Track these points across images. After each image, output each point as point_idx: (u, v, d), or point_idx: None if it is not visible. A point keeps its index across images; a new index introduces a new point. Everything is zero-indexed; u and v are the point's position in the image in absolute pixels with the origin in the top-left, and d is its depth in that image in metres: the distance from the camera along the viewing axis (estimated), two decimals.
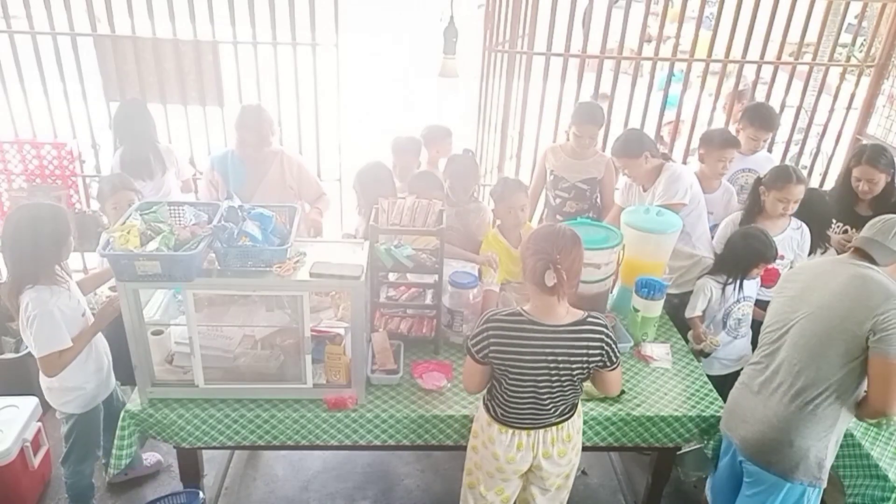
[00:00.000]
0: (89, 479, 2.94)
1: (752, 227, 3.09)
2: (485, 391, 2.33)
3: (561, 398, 2.20)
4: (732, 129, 4.50)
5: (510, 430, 2.24)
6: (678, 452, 2.77)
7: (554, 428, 2.24)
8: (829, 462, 2.28)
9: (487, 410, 2.29)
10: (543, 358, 2.11)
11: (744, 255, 2.93)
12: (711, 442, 2.64)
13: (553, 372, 2.13)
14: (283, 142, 4.23)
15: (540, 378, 2.14)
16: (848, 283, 2.20)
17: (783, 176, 3.08)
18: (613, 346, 2.16)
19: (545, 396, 2.17)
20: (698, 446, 2.71)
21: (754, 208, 3.21)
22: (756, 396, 2.35)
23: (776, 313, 2.37)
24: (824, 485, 2.31)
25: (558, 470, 2.30)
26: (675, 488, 3.18)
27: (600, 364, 2.16)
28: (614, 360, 2.18)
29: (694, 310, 3.04)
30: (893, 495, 2.34)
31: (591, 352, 2.12)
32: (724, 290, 3.01)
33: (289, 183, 3.58)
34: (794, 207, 3.10)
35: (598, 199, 3.84)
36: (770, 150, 3.97)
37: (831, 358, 2.16)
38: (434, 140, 3.95)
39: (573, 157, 3.75)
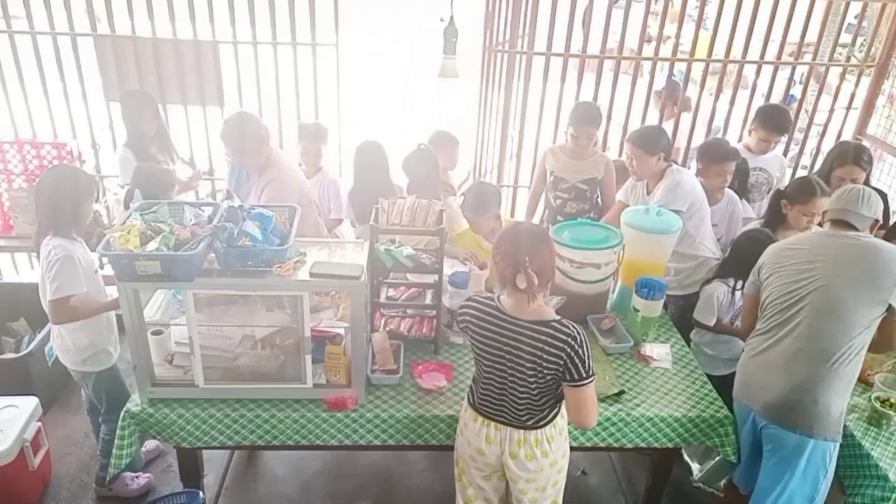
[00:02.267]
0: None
1: (756, 229, 3.08)
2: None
3: (515, 396, 2.17)
4: (669, 126, 4.45)
5: (480, 418, 2.27)
6: (696, 479, 2.76)
7: (522, 430, 2.23)
8: (843, 415, 2.43)
9: (467, 396, 2.36)
10: (499, 347, 2.15)
11: (749, 258, 2.89)
12: (728, 447, 2.62)
13: (507, 363, 2.14)
14: (282, 146, 4.24)
15: (496, 366, 2.18)
16: (863, 252, 2.35)
17: (808, 190, 3.05)
18: (579, 357, 2.04)
19: (500, 387, 2.20)
20: (717, 459, 2.69)
21: (775, 220, 3.17)
22: (773, 363, 2.44)
23: (780, 286, 2.46)
24: (840, 439, 2.43)
25: (527, 475, 2.25)
26: (675, 488, 3.18)
27: (557, 373, 2.07)
28: (578, 375, 2.05)
29: (714, 316, 3.04)
30: (893, 495, 2.34)
31: (545, 356, 2.06)
32: (733, 293, 3.01)
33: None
34: (818, 220, 3.06)
35: (599, 199, 3.84)
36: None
37: (857, 319, 2.31)
38: (437, 144, 3.92)
39: (573, 157, 3.75)
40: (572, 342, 2.05)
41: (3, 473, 2.89)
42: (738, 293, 2.99)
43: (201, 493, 2.77)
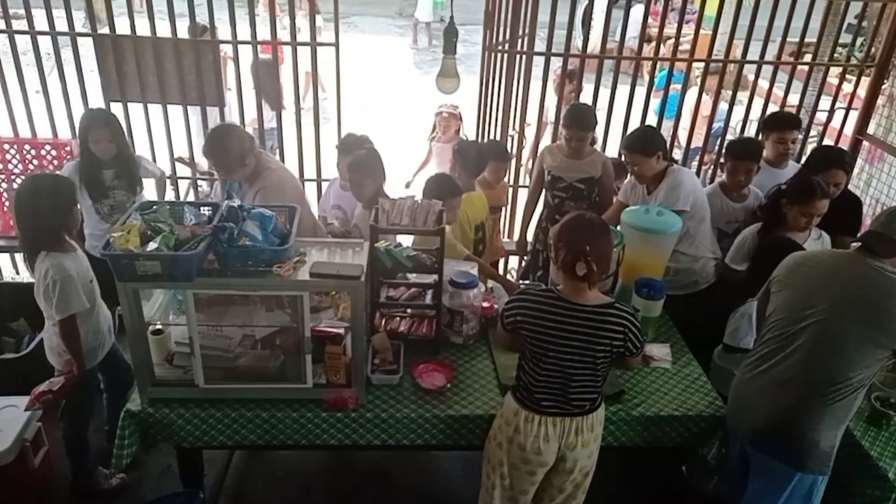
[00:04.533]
0: (84, 434, 3.07)
1: (783, 238, 2.97)
2: (514, 380, 2.40)
3: (581, 382, 2.24)
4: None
5: (536, 419, 2.27)
6: (687, 468, 2.75)
7: (579, 418, 2.28)
8: (836, 449, 2.32)
9: (515, 397, 2.35)
10: (568, 334, 2.19)
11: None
12: (713, 449, 2.63)
13: (576, 350, 2.19)
14: (282, 146, 4.23)
15: (563, 355, 2.20)
16: (877, 287, 2.18)
17: (808, 191, 3.00)
18: (638, 332, 2.24)
19: (567, 378, 2.23)
20: (699, 454, 2.69)
21: (775, 221, 3.13)
22: (765, 388, 2.36)
23: (786, 306, 2.34)
24: (829, 472, 2.34)
25: (581, 464, 2.34)
26: (675, 488, 3.18)
27: (623, 350, 2.24)
28: (638, 346, 2.26)
29: (752, 338, 2.83)
30: (893, 495, 2.34)
31: (614, 335, 2.19)
32: None
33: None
34: (817, 220, 3.04)
35: (598, 198, 3.83)
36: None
37: (857, 358, 2.18)
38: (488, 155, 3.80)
39: (570, 156, 3.74)
40: (632, 318, 2.23)
41: (3, 473, 2.89)
42: None
43: (201, 493, 2.77)
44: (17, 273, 4.68)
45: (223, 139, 3.16)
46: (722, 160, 3.50)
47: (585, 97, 4.24)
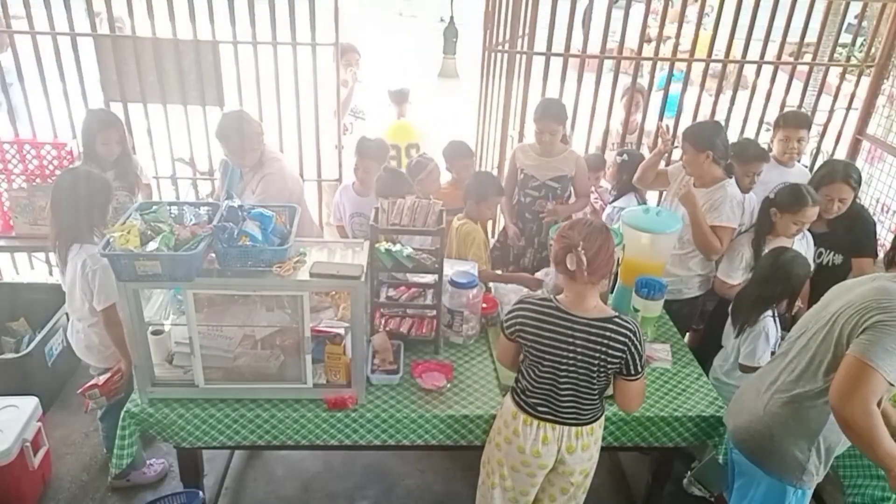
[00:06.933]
0: None
1: (778, 248, 2.96)
2: (513, 381, 2.39)
3: (575, 394, 2.22)
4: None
5: (535, 422, 2.27)
6: (693, 472, 2.73)
7: (581, 425, 2.27)
8: (813, 467, 2.21)
9: (514, 399, 2.34)
10: (564, 346, 2.16)
11: (782, 274, 2.77)
12: (721, 449, 2.63)
13: (570, 361, 2.17)
14: (282, 146, 4.23)
15: (559, 365, 2.18)
16: (863, 294, 2.07)
17: (799, 199, 2.99)
18: (637, 353, 2.15)
19: (563, 387, 2.21)
20: (710, 457, 2.68)
21: (765, 228, 3.14)
22: (756, 391, 2.36)
23: (804, 319, 2.33)
24: (811, 487, 2.27)
25: (580, 467, 2.33)
26: (675, 488, 3.18)
27: (619, 368, 2.17)
28: (635, 370, 2.17)
29: (764, 354, 2.79)
30: (893, 495, 2.34)
31: (611, 351, 2.13)
32: (780, 319, 2.87)
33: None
34: (806, 226, 3.04)
35: (572, 197, 3.81)
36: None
37: (828, 364, 2.10)
38: (451, 156, 3.85)
39: (542, 154, 3.70)
40: (633, 337, 2.14)
41: (3, 473, 2.89)
42: (776, 319, 2.83)
43: (201, 493, 2.77)
44: (17, 273, 4.67)
45: (238, 123, 3.27)
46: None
47: (585, 97, 4.23)
